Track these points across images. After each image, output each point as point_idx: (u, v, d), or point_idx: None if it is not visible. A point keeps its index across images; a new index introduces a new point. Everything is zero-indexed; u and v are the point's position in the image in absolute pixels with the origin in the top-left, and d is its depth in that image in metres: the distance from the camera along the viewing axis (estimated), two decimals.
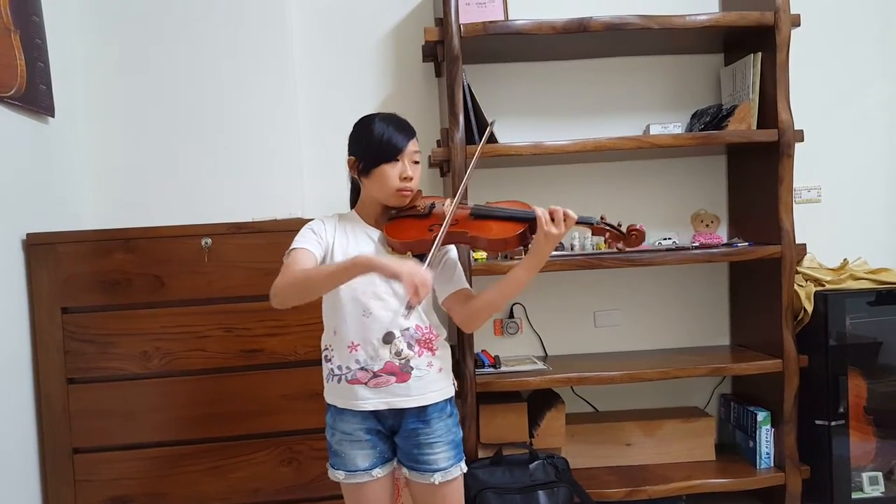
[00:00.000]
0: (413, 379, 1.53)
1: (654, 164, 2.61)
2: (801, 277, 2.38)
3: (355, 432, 1.56)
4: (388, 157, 1.52)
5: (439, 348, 1.59)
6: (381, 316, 1.52)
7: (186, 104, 2.36)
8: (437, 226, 1.50)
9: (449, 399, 1.60)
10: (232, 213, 2.22)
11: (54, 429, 1.96)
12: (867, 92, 2.66)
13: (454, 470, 1.56)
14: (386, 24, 2.53)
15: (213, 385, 2.02)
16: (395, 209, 1.58)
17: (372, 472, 1.56)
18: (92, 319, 1.98)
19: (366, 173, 1.55)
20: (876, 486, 2.33)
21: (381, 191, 1.55)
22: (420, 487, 1.57)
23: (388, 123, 1.55)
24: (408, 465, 1.57)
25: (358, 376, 1.53)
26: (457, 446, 1.59)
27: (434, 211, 1.56)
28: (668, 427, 2.46)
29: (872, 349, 2.33)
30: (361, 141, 1.57)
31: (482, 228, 1.52)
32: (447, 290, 1.60)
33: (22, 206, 1.95)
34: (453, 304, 1.60)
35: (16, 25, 1.91)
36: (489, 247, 1.56)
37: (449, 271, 1.60)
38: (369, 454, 1.56)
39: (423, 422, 1.55)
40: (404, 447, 1.57)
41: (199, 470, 2.02)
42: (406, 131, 1.56)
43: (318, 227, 1.58)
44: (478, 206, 1.57)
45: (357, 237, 1.58)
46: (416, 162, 1.56)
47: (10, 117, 1.91)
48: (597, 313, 2.63)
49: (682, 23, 2.24)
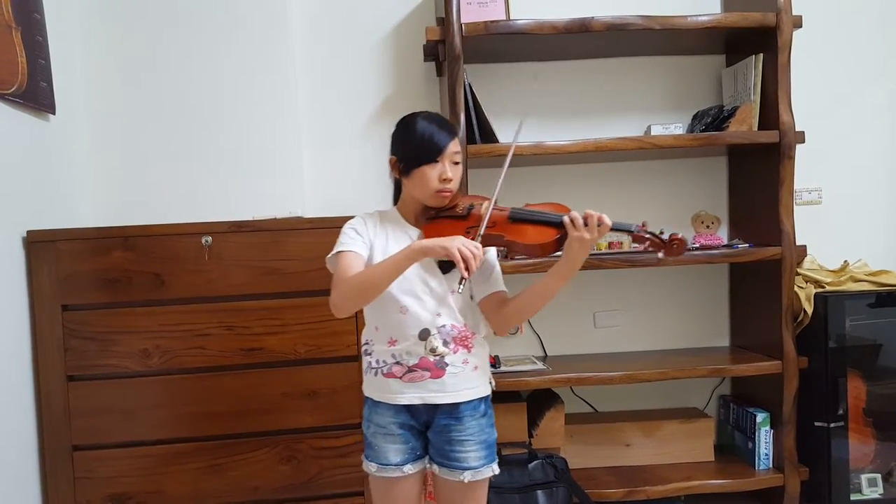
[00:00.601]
0: (448, 375, 1.53)
1: (654, 165, 2.61)
2: (801, 279, 2.38)
3: (388, 426, 1.57)
4: (427, 158, 1.51)
5: (476, 346, 1.58)
6: (418, 313, 1.52)
7: (187, 102, 2.35)
8: (473, 228, 1.50)
9: (484, 398, 1.60)
10: (232, 211, 2.22)
11: (54, 426, 1.96)
12: (868, 94, 2.66)
13: (485, 470, 1.56)
14: (387, 23, 2.53)
15: (213, 383, 2.02)
16: (435, 209, 1.59)
17: (403, 468, 1.56)
18: (92, 317, 1.98)
19: (406, 174, 1.55)
20: (874, 488, 2.33)
21: (421, 191, 1.55)
22: (447, 484, 1.57)
23: (429, 123, 1.55)
24: (438, 461, 1.58)
25: (393, 370, 1.54)
26: (489, 447, 1.58)
27: (472, 212, 1.56)
28: (668, 428, 2.46)
29: (872, 351, 2.33)
30: (402, 141, 1.57)
31: (519, 232, 1.51)
32: (484, 291, 1.60)
33: (22, 204, 1.95)
34: (488, 307, 1.59)
35: (17, 22, 1.91)
36: (526, 251, 1.54)
37: (486, 273, 1.60)
38: (401, 449, 1.56)
39: (455, 419, 1.55)
40: (436, 442, 1.57)
41: (198, 468, 2.02)
42: (447, 131, 1.55)
43: (360, 227, 1.59)
44: (516, 210, 1.56)
45: (396, 236, 1.58)
46: (457, 163, 1.56)
47: (10, 114, 1.91)
48: (596, 314, 2.63)
49: (683, 23, 2.24)
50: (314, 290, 2.01)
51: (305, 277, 2.01)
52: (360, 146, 2.53)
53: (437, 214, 1.58)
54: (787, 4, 2.23)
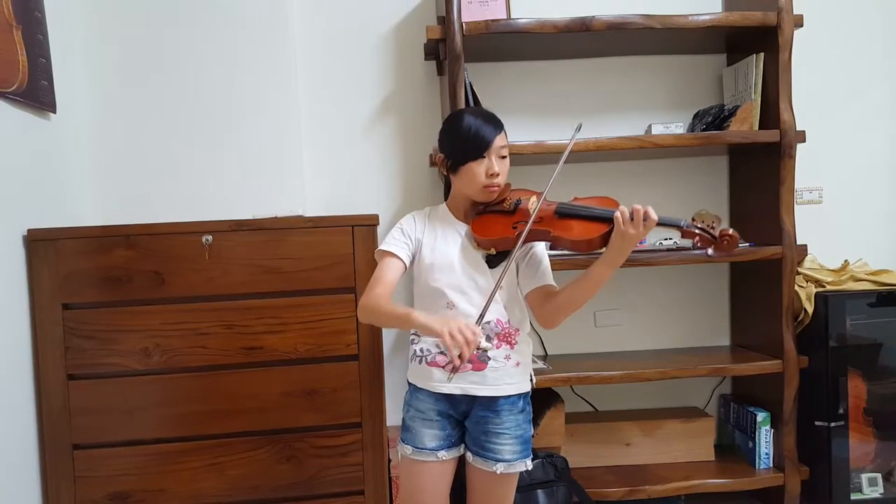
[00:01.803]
0: (489, 369, 1.56)
1: (655, 164, 2.61)
2: (801, 278, 2.38)
3: (428, 412, 1.60)
4: (474, 154, 1.53)
5: (519, 343, 1.61)
6: (464, 309, 1.55)
7: (188, 101, 2.35)
8: (521, 223, 1.52)
9: (523, 395, 1.63)
10: (233, 210, 2.23)
11: (54, 425, 1.96)
12: (869, 93, 2.66)
13: (518, 464, 1.59)
14: (388, 22, 2.53)
15: (213, 382, 2.02)
16: (483, 204, 1.60)
17: (438, 453, 1.59)
18: (92, 316, 1.98)
19: (454, 170, 1.57)
20: (875, 488, 2.33)
21: (469, 187, 1.57)
22: (480, 473, 1.60)
23: (475, 118, 1.56)
24: (473, 450, 1.61)
25: (437, 360, 1.58)
26: (524, 442, 1.61)
27: (519, 207, 1.57)
28: (668, 427, 2.46)
29: (872, 350, 2.33)
30: (449, 138, 1.59)
31: (565, 228, 1.52)
32: (531, 284, 1.61)
33: (23, 202, 1.95)
34: (535, 300, 1.61)
35: (17, 21, 1.91)
36: (572, 247, 1.55)
37: (533, 266, 1.61)
38: (437, 435, 1.60)
39: (493, 412, 1.58)
40: (473, 432, 1.60)
41: (198, 466, 2.02)
42: (494, 125, 1.56)
43: (409, 226, 1.63)
44: (563, 205, 1.57)
45: (445, 234, 1.61)
46: (504, 157, 1.57)
47: (11, 113, 1.90)
48: (597, 313, 2.63)
49: (684, 23, 2.24)
50: (315, 288, 2.01)
51: (306, 276, 2.01)
52: (361, 145, 2.53)
53: (485, 209, 1.60)
54: (788, 3, 2.23)
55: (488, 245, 1.56)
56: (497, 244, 1.55)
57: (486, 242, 1.55)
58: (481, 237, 1.56)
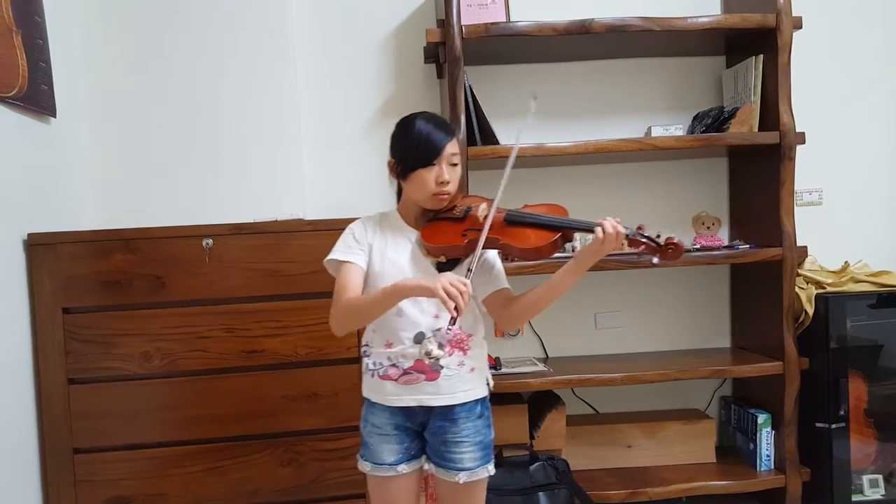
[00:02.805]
0: (442, 378, 1.53)
1: (655, 166, 2.61)
2: (801, 280, 2.38)
3: (384, 426, 1.57)
4: (424, 161, 1.51)
5: (472, 348, 1.58)
6: (413, 315, 1.52)
7: (188, 105, 2.35)
8: (470, 230, 1.50)
9: (480, 400, 1.59)
10: (233, 213, 2.22)
11: (55, 429, 1.96)
12: (869, 94, 2.66)
13: (480, 471, 1.56)
14: (387, 25, 2.53)
15: (214, 386, 2.02)
16: (433, 211, 1.58)
17: (397, 467, 1.56)
18: (93, 320, 1.98)
19: (404, 176, 1.55)
20: (876, 489, 2.33)
21: (418, 194, 1.55)
22: (444, 485, 1.58)
23: (426, 124, 1.54)
24: (434, 461, 1.58)
25: (389, 373, 1.54)
26: (485, 448, 1.58)
27: (469, 214, 1.55)
28: (669, 429, 2.46)
29: (873, 352, 2.33)
30: (400, 143, 1.57)
31: (515, 236, 1.51)
32: (486, 290, 1.59)
33: (23, 207, 1.95)
34: (493, 304, 1.59)
35: (17, 25, 1.91)
36: (521, 255, 1.54)
37: (487, 271, 1.60)
38: (396, 449, 1.57)
39: (450, 420, 1.55)
40: (432, 443, 1.58)
41: (199, 470, 2.02)
42: (445, 132, 1.54)
43: (360, 232, 1.59)
44: (512, 212, 1.55)
45: (396, 239, 1.58)
46: (455, 164, 1.55)
47: (11, 117, 1.91)
48: (598, 315, 2.63)
49: (683, 25, 2.24)
50: (315, 292, 2.01)
51: (306, 280, 2.01)
52: (361, 148, 2.53)
53: (435, 216, 1.58)
54: (787, 5, 2.23)
55: (437, 252, 1.53)
56: (446, 252, 1.52)
57: (435, 250, 1.53)
58: (430, 244, 1.53)
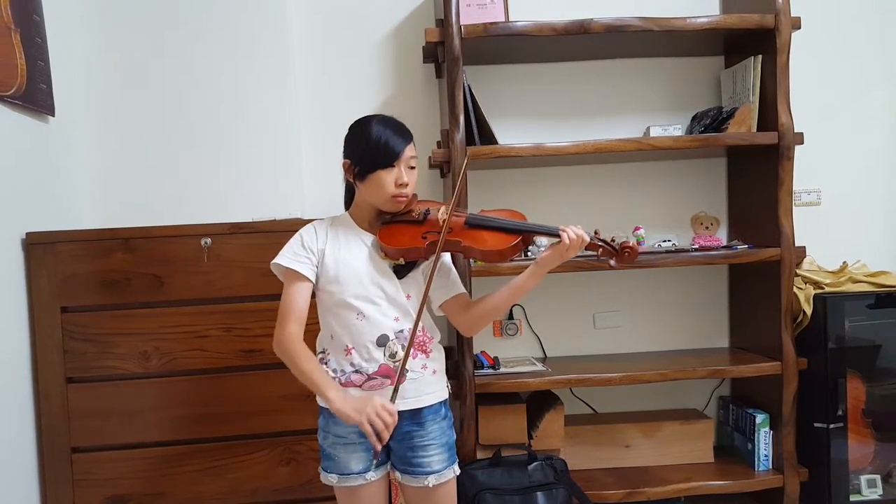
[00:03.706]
0: (407, 381, 1.51)
1: (654, 166, 2.61)
2: (800, 280, 2.39)
3: (348, 435, 1.54)
4: (384, 163, 1.50)
5: (433, 350, 1.59)
6: (375, 318, 1.51)
7: (187, 104, 2.35)
8: (430, 233, 1.51)
9: (443, 401, 1.60)
10: (232, 213, 2.22)
11: (53, 428, 1.96)
12: (867, 95, 2.66)
13: (447, 472, 1.57)
14: (386, 24, 2.53)
15: (212, 385, 2.02)
16: (390, 214, 1.57)
17: (366, 475, 1.55)
18: (91, 319, 1.98)
19: (361, 178, 1.53)
20: (874, 489, 2.33)
21: (377, 196, 1.53)
22: (413, 491, 1.57)
23: (384, 127, 1.52)
24: (401, 469, 1.57)
25: (352, 379, 1.53)
26: (450, 448, 1.59)
27: (429, 217, 1.56)
28: (667, 429, 2.46)
29: (871, 352, 2.33)
30: (357, 144, 1.55)
31: (476, 238, 1.53)
32: (442, 295, 1.60)
33: (21, 206, 1.95)
34: (451, 310, 1.60)
35: (16, 24, 1.91)
36: (483, 257, 1.55)
37: (443, 276, 1.60)
38: (363, 457, 1.55)
39: (417, 424, 1.55)
40: (398, 450, 1.56)
41: (197, 470, 2.02)
42: (403, 136, 1.53)
43: (310, 239, 1.56)
44: (473, 216, 1.57)
45: (349, 242, 1.56)
46: (413, 167, 1.55)
47: (9, 116, 1.91)
48: (596, 315, 2.63)
49: (682, 25, 2.24)
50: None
51: None
52: None
53: (392, 219, 1.57)
54: (786, 6, 2.24)
55: (396, 255, 1.53)
56: (406, 254, 1.52)
57: (395, 252, 1.52)
58: (389, 246, 1.52)
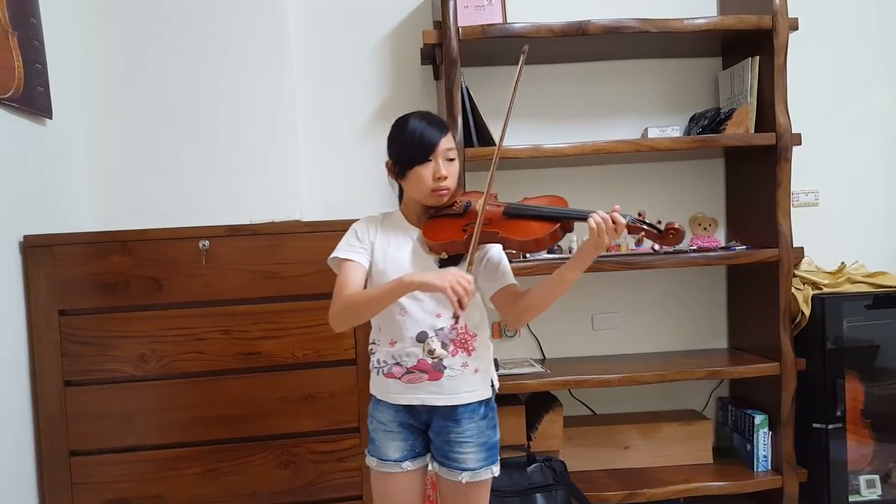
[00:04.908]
0: (445, 378, 1.53)
1: (652, 168, 2.61)
2: (798, 281, 2.39)
3: (389, 423, 1.58)
4: (419, 158, 1.51)
5: (477, 349, 1.57)
6: (416, 315, 1.52)
7: (184, 106, 2.35)
8: (470, 225, 1.50)
9: (484, 401, 1.59)
10: (230, 215, 2.22)
11: (51, 431, 1.95)
12: (865, 96, 2.67)
13: (484, 472, 1.56)
14: (384, 26, 2.53)
15: (211, 388, 2.01)
16: (434, 208, 1.59)
17: (402, 464, 1.57)
18: (89, 322, 1.97)
19: (401, 175, 1.56)
20: (873, 490, 2.33)
21: (418, 192, 1.55)
22: (447, 484, 1.58)
23: (420, 122, 1.54)
24: (438, 460, 1.59)
25: (393, 371, 1.55)
26: (489, 449, 1.57)
27: (469, 209, 1.55)
28: (666, 430, 2.46)
29: (870, 352, 2.33)
30: (395, 143, 1.58)
31: (514, 228, 1.51)
32: (493, 287, 1.58)
33: (19, 208, 1.95)
34: (501, 301, 1.58)
35: (14, 27, 1.91)
36: (520, 248, 1.54)
37: (492, 269, 1.59)
38: (400, 446, 1.57)
39: (453, 421, 1.55)
40: (436, 441, 1.58)
41: (195, 473, 2.01)
42: (438, 128, 1.54)
43: (362, 231, 1.60)
44: (511, 205, 1.55)
45: (398, 238, 1.58)
46: (452, 159, 1.55)
47: (7, 119, 1.90)
48: (595, 316, 2.63)
49: (680, 26, 2.24)
50: (312, 293, 2.00)
51: (303, 281, 2.01)
52: (358, 149, 2.53)
53: (436, 213, 1.58)
54: (783, 7, 2.24)
55: (439, 249, 1.53)
56: (447, 248, 1.53)
57: (437, 246, 1.53)
58: (432, 241, 1.53)
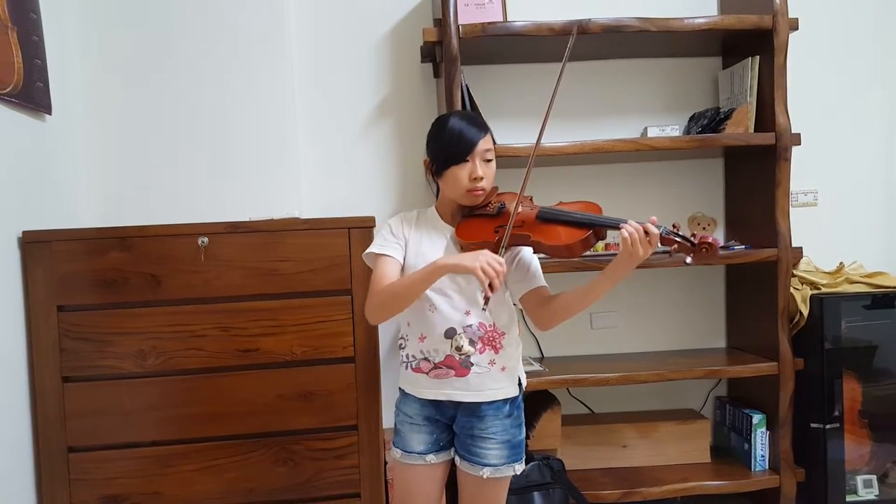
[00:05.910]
0: (472, 375, 1.54)
1: (651, 167, 2.61)
2: (797, 281, 2.39)
3: (415, 416, 1.62)
4: (456, 158, 1.53)
5: (505, 347, 1.58)
6: (445, 311, 1.54)
7: (184, 103, 2.35)
8: (502, 227, 1.51)
9: (510, 399, 1.60)
10: (229, 212, 2.22)
11: (49, 427, 1.95)
12: (864, 96, 2.67)
13: (505, 469, 1.57)
14: (384, 24, 2.53)
15: (209, 384, 2.01)
16: (469, 207, 1.60)
17: (426, 457, 1.61)
18: (88, 318, 1.97)
19: (438, 174, 1.58)
20: (870, 489, 2.33)
21: (453, 191, 1.57)
22: (468, 478, 1.60)
23: (459, 121, 1.56)
24: (461, 454, 1.61)
25: (421, 366, 1.58)
26: (513, 447, 1.58)
27: (503, 211, 1.56)
28: (664, 429, 2.46)
29: (868, 352, 2.34)
30: (434, 142, 1.59)
31: (546, 233, 1.51)
32: (523, 288, 1.59)
33: (18, 204, 1.94)
34: (529, 303, 1.59)
35: (13, 22, 1.90)
36: (551, 252, 1.53)
37: (522, 270, 1.60)
38: (425, 439, 1.61)
39: (477, 417, 1.57)
40: (460, 436, 1.61)
41: (193, 469, 2.01)
42: (477, 129, 1.55)
43: (397, 226, 1.63)
44: (545, 209, 1.56)
45: (431, 237, 1.60)
46: (489, 160, 1.56)
47: (6, 114, 1.90)
48: (593, 315, 2.63)
49: (680, 26, 2.24)
50: (311, 291, 2.00)
51: (302, 278, 2.01)
52: (358, 147, 2.53)
53: (470, 213, 1.60)
54: (784, 7, 2.24)
55: (471, 249, 1.54)
56: (479, 248, 1.53)
57: (469, 246, 1.55)
58: (464, 241, 1.55)
